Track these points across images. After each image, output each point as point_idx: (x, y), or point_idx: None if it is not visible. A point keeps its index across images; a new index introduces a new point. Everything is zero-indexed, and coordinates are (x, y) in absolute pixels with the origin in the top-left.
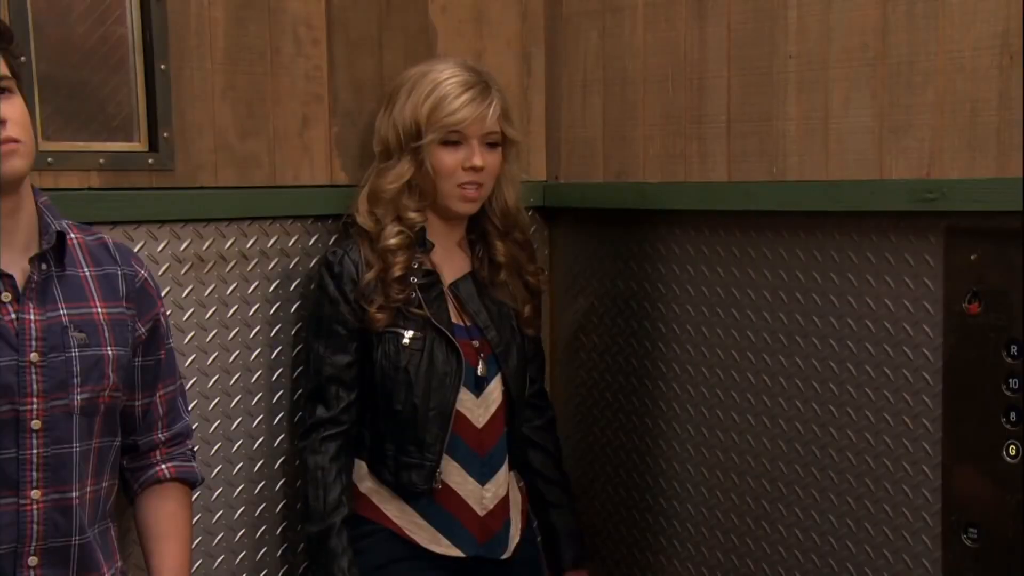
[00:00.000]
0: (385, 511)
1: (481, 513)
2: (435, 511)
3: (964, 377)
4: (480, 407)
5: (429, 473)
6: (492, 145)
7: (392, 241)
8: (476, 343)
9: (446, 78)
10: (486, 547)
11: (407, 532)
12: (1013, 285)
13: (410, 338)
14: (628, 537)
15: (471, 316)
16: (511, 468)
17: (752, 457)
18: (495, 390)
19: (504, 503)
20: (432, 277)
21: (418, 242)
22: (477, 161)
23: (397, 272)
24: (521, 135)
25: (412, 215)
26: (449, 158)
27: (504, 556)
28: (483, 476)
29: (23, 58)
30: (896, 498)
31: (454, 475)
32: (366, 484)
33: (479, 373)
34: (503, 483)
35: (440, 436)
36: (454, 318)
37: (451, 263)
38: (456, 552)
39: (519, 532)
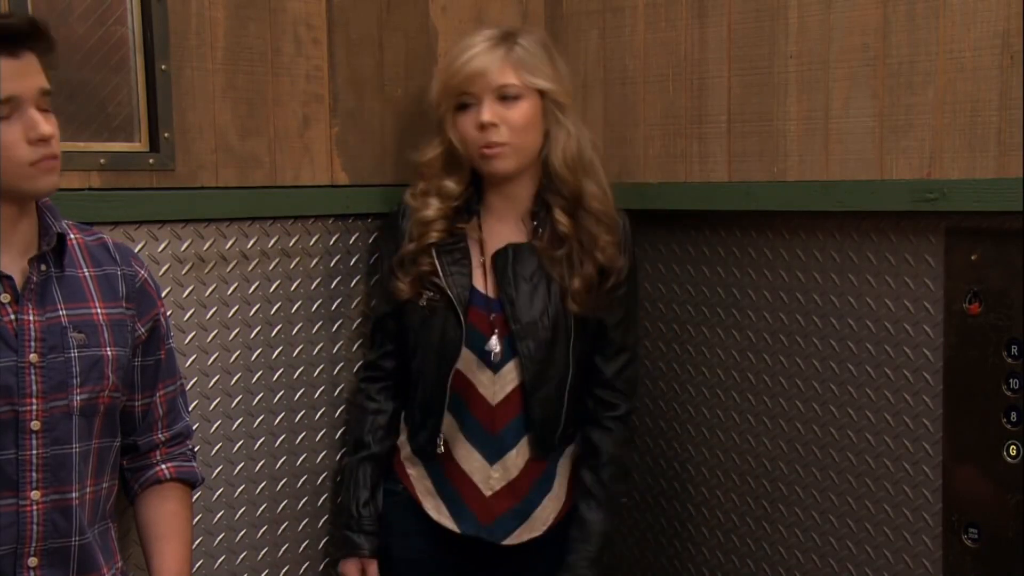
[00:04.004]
0: (408, 473)
1: (487, 493)
2: (443, 481)
3: (964, 377)
4: (496, 384)
5: (430, 437)
6: (509, 98)
7: (428, 212)
8: (492, 316)
9: (463, 44)
10: (487, 529)
11: (418, 496)
12: (1013, 285)
13: (426, 303)
14: (629, 537)
15: (498, 288)
16: (546, 457)
17: (752, 457)
18: (511, 371)
19: (515, 489)
20: (459, 243)
21: (465, 209)
22: (484, 116)
23: (432, 238)
24: (556, 83)
25: (449, 185)
26: (464, 121)
27: (506, 542)
28: (492, 455)
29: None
30: (896, 498)
31: (460, 448)
32: (405, 447)
33: (490, 348)
34: (514, 466)
35: (441, 401)
36: (480, 286)
37: (499, 232)
38: (451, 525)
39: (553, 518)
